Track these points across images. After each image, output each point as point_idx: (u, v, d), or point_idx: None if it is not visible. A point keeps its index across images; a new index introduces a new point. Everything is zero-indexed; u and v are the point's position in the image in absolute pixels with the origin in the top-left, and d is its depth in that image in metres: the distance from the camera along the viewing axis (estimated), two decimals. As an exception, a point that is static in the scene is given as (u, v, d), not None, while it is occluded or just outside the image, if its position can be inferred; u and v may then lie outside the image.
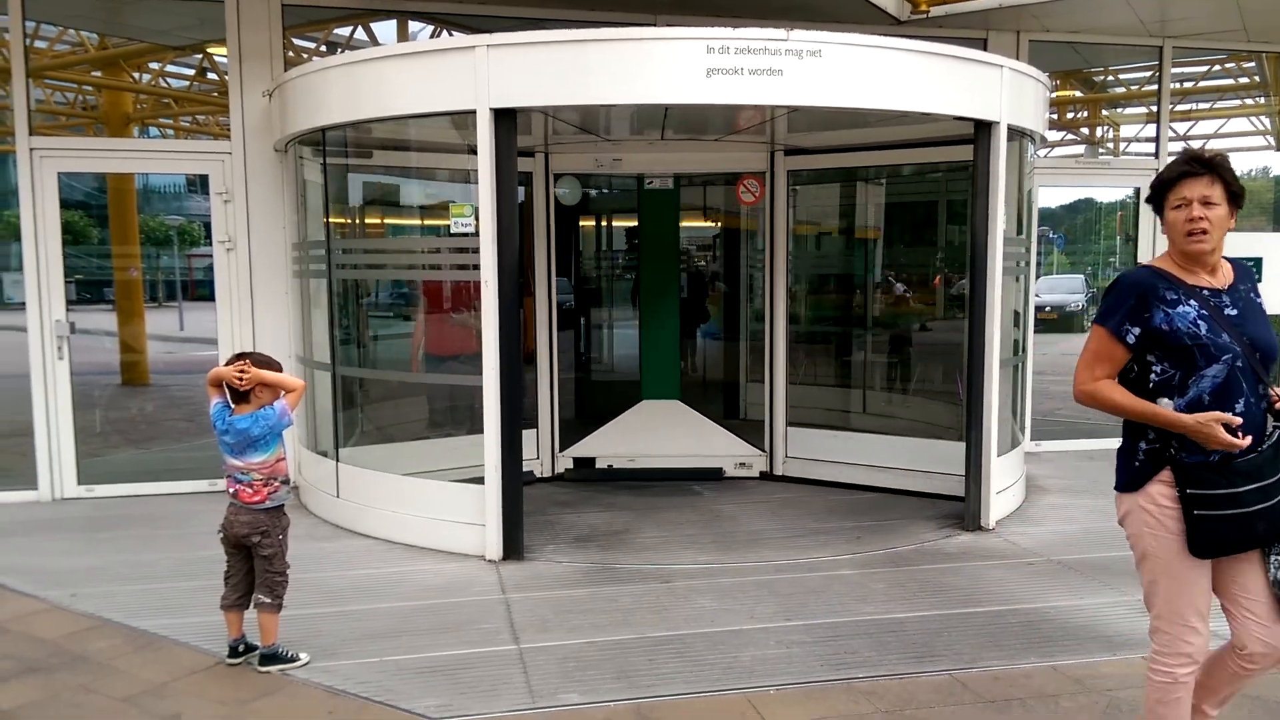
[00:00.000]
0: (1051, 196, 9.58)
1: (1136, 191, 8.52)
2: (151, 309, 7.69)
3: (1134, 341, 2.74)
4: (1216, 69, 9.20)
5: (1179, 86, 8.95)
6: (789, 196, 7.35)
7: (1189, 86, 9.24)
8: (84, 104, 7.89)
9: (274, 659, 3.93)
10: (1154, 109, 8.46)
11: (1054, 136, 8.86)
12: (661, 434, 7.39)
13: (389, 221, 7.83)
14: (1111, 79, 9.49)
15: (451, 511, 5.50)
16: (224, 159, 6.85)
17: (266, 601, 3.91)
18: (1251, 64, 9.19)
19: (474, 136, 5.13)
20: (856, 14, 7.17)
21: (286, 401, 3.89)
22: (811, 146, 7.25)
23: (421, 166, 7.03)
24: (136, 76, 7.75)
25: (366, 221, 7.37)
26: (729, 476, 7.37)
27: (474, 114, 5.10)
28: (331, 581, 5.01)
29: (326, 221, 6.26)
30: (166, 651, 4.13)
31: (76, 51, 7.45)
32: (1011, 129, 5.81)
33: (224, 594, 3.99)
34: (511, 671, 3.93)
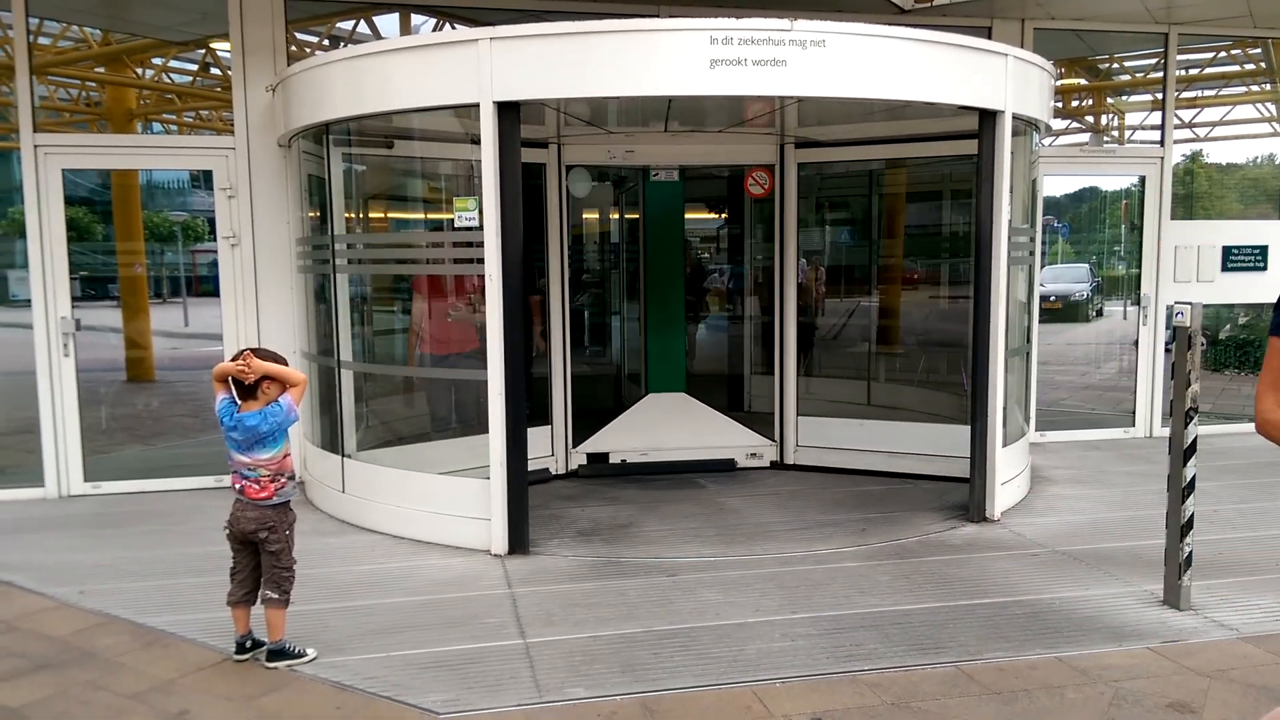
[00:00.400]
0: (1056, 185, 9.54)
1: (1142, 180, 8.47)
2: (156, 305, 7.69)
3: None
4: (1222, 55, 9.14)
5: (1184, 73, 8.90)
6: (799, 188, 7.33)
7: (1195, 73, 9.18)
8: (87, 100, 7.88)
9: (281, 655, 3.94)
10: (1159, 96, 8.42)
11: (1059, 125, 8.81)
12: (672, 427, 7.37)
13: (393, 216, 7.82)
14: (1116, 66, 9.44)
15: (457, 506, 5.51)
16: (228, 154, 6.85)
17: (273, 597, 3.92)
18: (1257, 50, 9.13)
19: (477, 128, 5.11)
20: (860, 3, 7.14)
21: (291, 397, 3.90)
22: (823, 139, 7.22)
23: (426, 157, 6.98)
24: (140, 72, 7.73)
25: (370, 216, 7.35)
26: (741, 467, 7.38)
27: (477, 107, 5.10)
28: (338, 577, 5.02)
29: (330, 216, 6.26)
30: (174, 648, 4.14)
31: (80, 48, 7.44)
32: (1016, 117, 5.79)
33: (230, 590, 4.00)
34: (518, 666, 3.94)
